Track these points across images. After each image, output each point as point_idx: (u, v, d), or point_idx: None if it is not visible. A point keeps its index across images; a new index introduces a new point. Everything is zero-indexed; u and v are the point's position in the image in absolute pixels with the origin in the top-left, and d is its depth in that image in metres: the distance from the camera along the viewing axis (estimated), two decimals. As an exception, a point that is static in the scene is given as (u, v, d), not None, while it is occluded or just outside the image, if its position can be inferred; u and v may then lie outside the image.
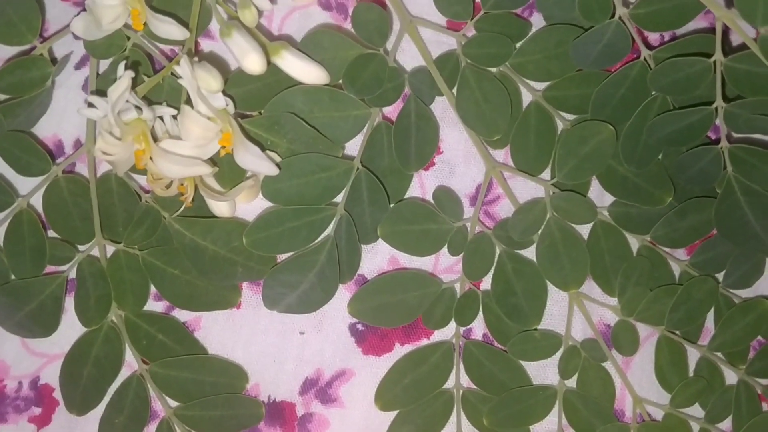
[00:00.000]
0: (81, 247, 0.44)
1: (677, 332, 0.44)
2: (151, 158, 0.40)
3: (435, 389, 0.44)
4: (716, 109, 0.41)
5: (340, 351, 0.46)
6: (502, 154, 0.46)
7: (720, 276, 0.45)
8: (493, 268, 0.44)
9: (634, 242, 0.45)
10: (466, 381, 0.45)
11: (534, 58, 0.44)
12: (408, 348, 0.46)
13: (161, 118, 0.41)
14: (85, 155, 0.45)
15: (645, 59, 0.42)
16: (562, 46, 0.43)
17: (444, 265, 0.46)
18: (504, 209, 0.46)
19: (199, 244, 0.43)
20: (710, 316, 0.45)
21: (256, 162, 0.40)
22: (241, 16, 0.40)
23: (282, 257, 0.43)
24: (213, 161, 0.42)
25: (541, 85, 0.44)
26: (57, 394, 0.44)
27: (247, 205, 0.44)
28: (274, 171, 0.40)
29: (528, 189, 0.45)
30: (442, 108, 0.46)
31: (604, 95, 0.42)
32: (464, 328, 0.45)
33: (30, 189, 0.44)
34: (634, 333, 0.44)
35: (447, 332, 0.45)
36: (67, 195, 0.44)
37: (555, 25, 0.44)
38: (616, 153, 0.42)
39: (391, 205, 0.44)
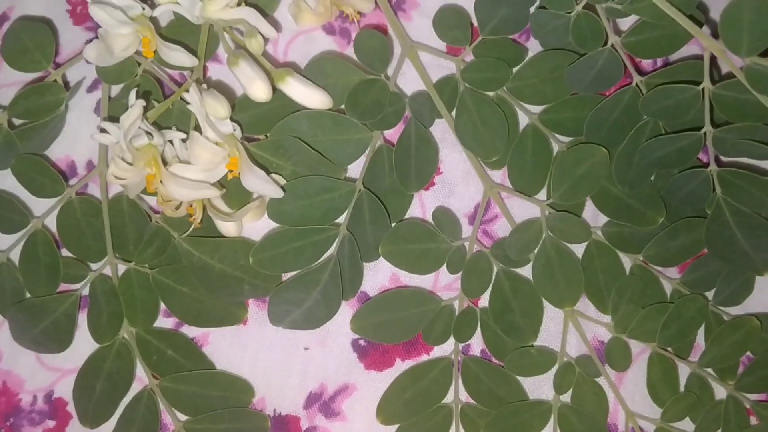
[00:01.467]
0: (93, 266, 0.46)
1: (669, 349, 0.45)
2: (161, 182, 0.41)
3: (434, 404, 0.45)
4: (705, 134, 0.42)
5: (343, 366, 0.47)
6: (499, 175, 0.47)
7: (711, 294, 0.46)
8: (490, 286, 0.45)
9: (627, 261, 0.46)
10: (464, 396, 0.45)
11: (530, 82, 0.45)
12: (408, 363, 0.46)
13: (171, 142, 0.42)
14: (98, 177, 0.46)
15: (637, 85, 0.44)
16: (557, 71, 0.45)
17: (443, 282, 0.47)
18: (501, 228, 0.47)
19: (207, 263, 0.44)
20: (701, 332, 0.46)
21: (261, 185, 0.42)
22: (248, 45, 0.41)
23: (287, 275, 0.45)
24: (221, 184, 0.43)
25: (537, 108, 0.46)
26: (70, 408, 0.46)
27: (254, 225, 0.45)
28: (279, 194, 0.42)
29: (525, 208, 0.46)
30: (442, 130, 0.47)
31: (598, 119, 0.44)
32: (463, 345, 0.46)
33: (44, 210, 0.45)
34: (627, 350, 0.45)
35: (446, 348, 0.46)
36: (80, 215, 0.45)
37: (550, 51, 0.45)
38: (610, 174, 0.43)
39: (392, 225, 0.45)
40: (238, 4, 0.42)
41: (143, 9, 0.42)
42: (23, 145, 0.45)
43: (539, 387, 0.46)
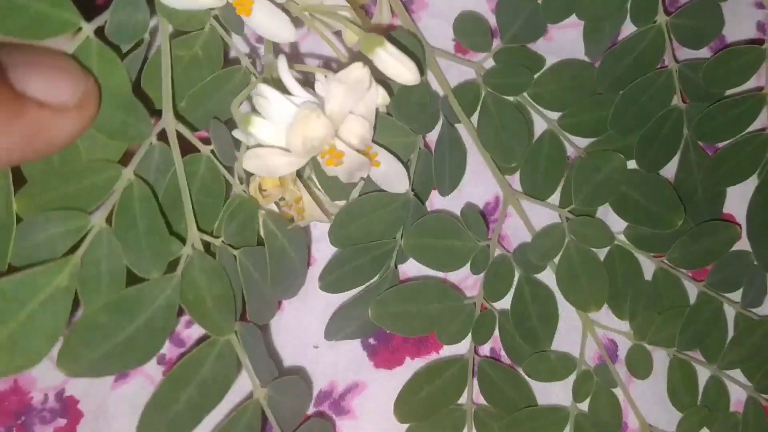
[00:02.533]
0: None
1: (688, 353, 0.46)
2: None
3: (449, 404, 0.45)
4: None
5: (353, 364, 0.46)
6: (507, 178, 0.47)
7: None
8: (512, 291, 0.45)
9: (650, 265, 0.46)
10: (476, 396, 0.45)
11: (550, 89, 0.46)
12: (418, 362, 0.46)
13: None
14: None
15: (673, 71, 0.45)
16: (576, 80, 0.45)
17: (453, 279, 0.47)
18: (511, 227, 0.47)
19: (287, 249, 0.39)
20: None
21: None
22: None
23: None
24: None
25: (554, 115, 0.46)
26: (81, 406, 0.45)
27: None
28: (404, 188, 0.41)
29: (534, 210, 0.46)
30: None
31: (628, 99, 0.44)
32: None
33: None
34: (648, 357, 0.45)
35: (455, 348, 0.46)
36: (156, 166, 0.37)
37: (570, 60, 0.46)
38: (628, 179, 0.44)
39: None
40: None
41: None
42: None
43: (548, 390, 0.46)
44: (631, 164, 0.44)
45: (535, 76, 0.46)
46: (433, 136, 0.45)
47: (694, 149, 0.45)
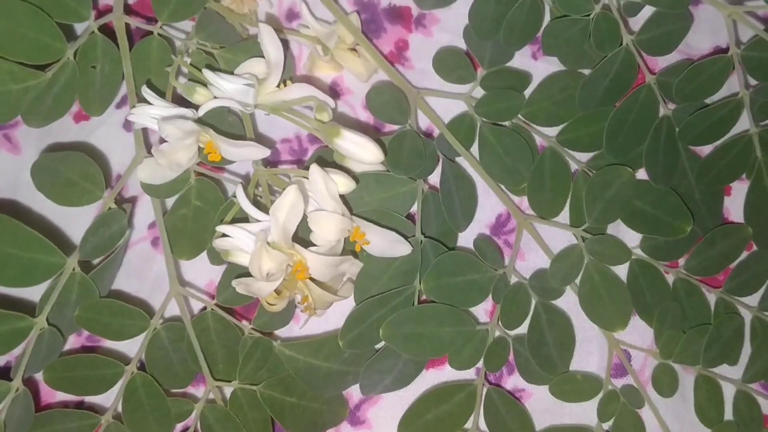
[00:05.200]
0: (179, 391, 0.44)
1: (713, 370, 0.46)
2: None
3: (454, 429, 0.45)
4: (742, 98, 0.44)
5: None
6: (517, 200, 0.47)
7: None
8: (528, 317, 0.44)
9: (669, 277, 0.46)
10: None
11: (543, 106, 0.45)
12: (432, 372, 0.46)
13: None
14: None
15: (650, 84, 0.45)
16: (566, 91, 0.45)
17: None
18: (523, 240, 0.46)
19: (313, 364, 0.43)
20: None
21: (391, 245, 0.41)
22: (320, 117, 0.40)
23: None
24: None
25: (552, 131, 0.46)
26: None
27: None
28: (408, 249, 0.41)
29: (544, 226, 0.46)
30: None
31: (617, 122, 0.44)
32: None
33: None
34: (674, 375, 0.45)
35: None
36: (168, 343, 0.43)
37: (557, 73, 0.46)
38: (638, 187, 0.44)
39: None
40: (284, 83, 0.40)
41: (194, 113, 0.39)
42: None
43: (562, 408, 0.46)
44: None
45: (527, 95, 0.45)
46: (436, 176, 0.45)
47: (686, 153, 0.45)
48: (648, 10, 0.44)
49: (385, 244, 0.41)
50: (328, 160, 0.42)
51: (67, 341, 0.45)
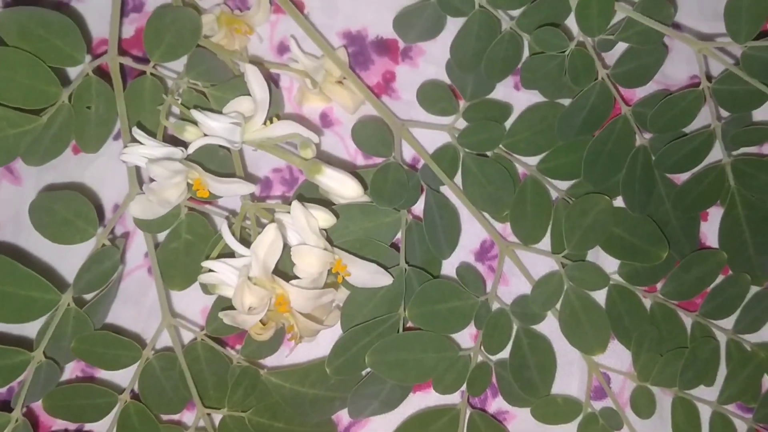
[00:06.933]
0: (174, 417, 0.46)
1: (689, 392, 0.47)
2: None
3: None
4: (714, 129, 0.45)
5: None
6: (500, 227, 0.48)
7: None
8: (510, 342, 0.46)
9: (646, 301, 0.47)
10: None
11: (523, 136, 0.47)
12: (420, 395, 0.48)
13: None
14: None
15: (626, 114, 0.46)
16: (546, 121, 0.46)
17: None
18: (506, 265, 0.47)
19: (300, 391, 0.44)
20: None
21: (372, 276, 0.42)
22: (304, 154, 0.41)
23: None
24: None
25: (533, 160, 0.47)
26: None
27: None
28: (389, 280, 0.43)
29: (526, 252, 0.47)
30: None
31: (594, 152, 0.46)
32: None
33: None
34: (652, 397, 0.47)
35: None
36: (160, 372, 0.45)
37: (537, 104, 0.47)
38: (617, 212, 0.45)
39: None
40: (270, 120, 0.42)
41: (184, 151, 0.41)
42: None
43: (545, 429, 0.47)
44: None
45: (508, 126, 0.47)
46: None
47: (662, 180, 0.47)
48: (622, 45, 0.45)
49: (366, 275, 0.42)
50: (315, 192, 0.44)
51: (67, 366, 0.47)
